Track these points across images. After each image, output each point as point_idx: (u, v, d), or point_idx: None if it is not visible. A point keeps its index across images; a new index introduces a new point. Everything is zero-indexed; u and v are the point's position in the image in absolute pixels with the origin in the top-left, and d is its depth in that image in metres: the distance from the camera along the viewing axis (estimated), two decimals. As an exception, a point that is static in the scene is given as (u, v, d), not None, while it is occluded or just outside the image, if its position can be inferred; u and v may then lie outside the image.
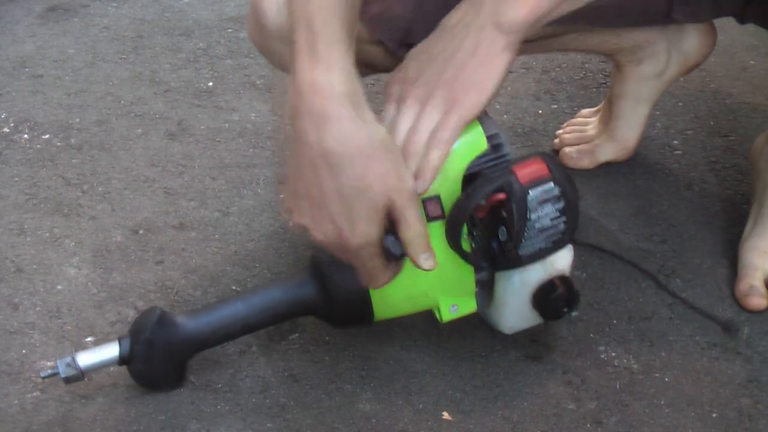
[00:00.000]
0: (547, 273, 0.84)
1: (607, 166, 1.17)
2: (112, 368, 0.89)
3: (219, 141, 1.26)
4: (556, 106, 1.32)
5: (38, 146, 1.26)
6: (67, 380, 0.84)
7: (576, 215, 0.82)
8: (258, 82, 1.40)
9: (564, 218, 0.81)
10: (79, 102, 1.36)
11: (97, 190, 1.17)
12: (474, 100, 0.78)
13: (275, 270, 1.02)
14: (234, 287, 1.00)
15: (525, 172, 0.79)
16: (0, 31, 1.58)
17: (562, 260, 0.85)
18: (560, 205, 0.80)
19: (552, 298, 0.84)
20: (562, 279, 0.85)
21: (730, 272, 1.00)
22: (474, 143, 0.81)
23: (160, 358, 0.85)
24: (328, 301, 0.86)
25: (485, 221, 0.81)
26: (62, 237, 1.09)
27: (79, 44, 1.53)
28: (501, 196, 0.79)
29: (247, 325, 0.87)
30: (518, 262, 0.81)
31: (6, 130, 1.30)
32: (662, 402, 0.86)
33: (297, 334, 0.94)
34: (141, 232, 1.09)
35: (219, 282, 1.01)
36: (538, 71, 1.40)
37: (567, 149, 1.18)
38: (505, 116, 1.29)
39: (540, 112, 1.30)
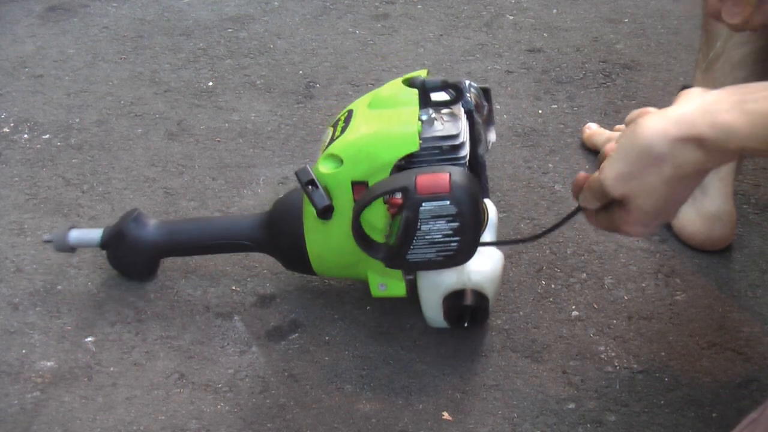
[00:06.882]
0: (460, 282, 0.86)
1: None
2: (113, 362, 0.89)
3: (219, 141, 1.26)
4: (556, 106, 1.31)
5: (38, 146, 1.26)
6: (59, 249, 1.00)
7: (473, 238, 0.81)
8: (258, 82, 1.40)
9: (457, 238, 0.80)
10: (79, 102, 1.36)
11: (97, 190, 1.17)
12: None
13: (275, 270, 1.02)
14: (234, 287, 1.00)
15: (426, 183, 0.79)
16: (0, 31, 1.58)
17: (479, 275, 0.86)
18: (455, 224, 0.80)
19: (456, 305, 0.87)
20: (477, 294, 0.86)
21: (730, 272, 1.00)
22: (405, 141, 0.83)
23: (127, 248, 0.99)
24: (276, 245, 0.95)
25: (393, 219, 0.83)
26: (62, 237, 1.09)
27: (79, 44, 1.53)
28: (400, 200, 0.80)
29: (206, 246, 0.99)
30: (404, 265, 0.84)
31: (6, 130, 1.30)
32: (662, 402, 0.86)
33: (297, 334, 0.94)
34: (141, 232, 1.09)
35: (219, 282, 1.01)
36: (538, 71, 1.40)
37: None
38: (505, 116, 1.29)
39: (540, 112, 1.30)
